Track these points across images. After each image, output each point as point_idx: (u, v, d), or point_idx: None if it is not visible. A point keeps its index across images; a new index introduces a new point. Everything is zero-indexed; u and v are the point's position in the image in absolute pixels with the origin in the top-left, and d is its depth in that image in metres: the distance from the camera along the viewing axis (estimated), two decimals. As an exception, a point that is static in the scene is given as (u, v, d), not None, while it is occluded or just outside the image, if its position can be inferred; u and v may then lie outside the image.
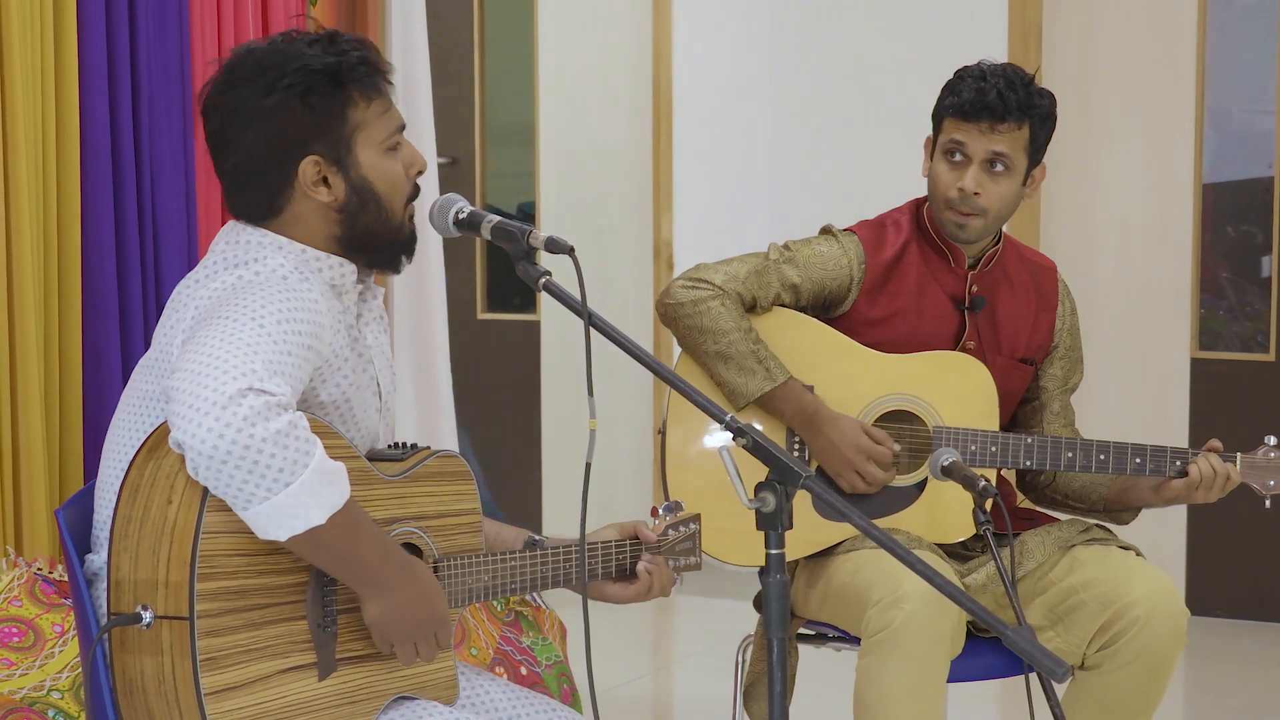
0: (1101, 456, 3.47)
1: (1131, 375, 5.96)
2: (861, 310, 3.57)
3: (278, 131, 2.57)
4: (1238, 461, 3.47)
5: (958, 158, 3.50)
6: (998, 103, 3.46)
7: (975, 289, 3.60)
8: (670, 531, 2.98)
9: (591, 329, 2.57)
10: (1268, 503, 3.49)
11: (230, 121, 2.59)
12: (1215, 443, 3.50)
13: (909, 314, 3.57)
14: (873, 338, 3.56)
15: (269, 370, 2.36)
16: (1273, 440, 3.48)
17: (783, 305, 3.56)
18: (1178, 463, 3.46)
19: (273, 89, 2.56)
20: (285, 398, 2.35)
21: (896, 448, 3.50)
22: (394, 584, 2.51)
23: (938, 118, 3.55)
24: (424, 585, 2.56)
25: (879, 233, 3.61)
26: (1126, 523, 3.66)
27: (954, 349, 3.58)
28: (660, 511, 3.00)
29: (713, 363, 3.49)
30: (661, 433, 3.58)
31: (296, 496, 2.34)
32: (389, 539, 2.54)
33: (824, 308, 3.60)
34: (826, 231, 3.64)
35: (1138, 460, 3.47)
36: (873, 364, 3.54)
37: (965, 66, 3.55)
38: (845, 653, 3.56)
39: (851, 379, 3.53)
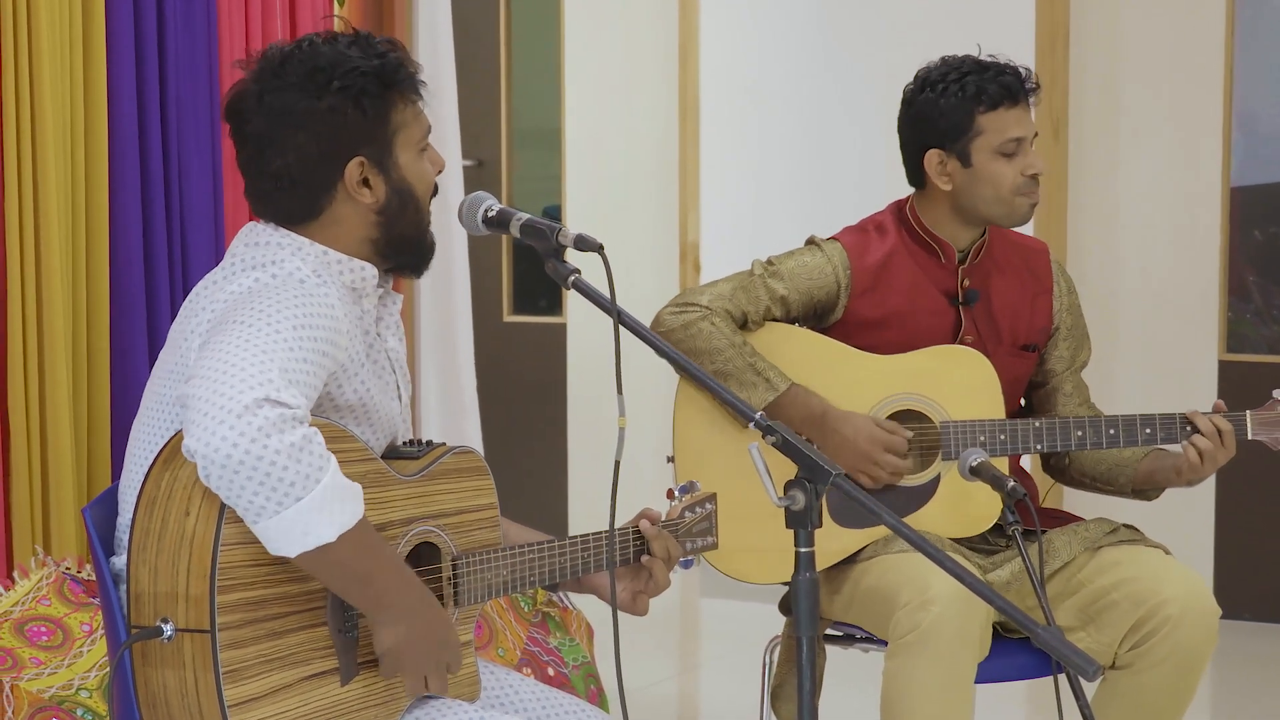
0: (1111, 431, 3.47)
1: (1159, 377, 5.94)
2: (855, 315, 3.56)
3: (329, 134, 2.57)
4: (1248, 418, 3.46)
5: (1012, 149, 3.50)
6: (1025, 77, 3.52)
7: (967, 283, 3.59)
8: (687, 514, 2.97)
9: (620, 327, 2.55)
10: None
11: (278, 123, 2.57)
12: (1218, 403, 3.51)
13: (903, 315, 3.56)
14: (870, 341, 3.55)
15: (285, 380, 2.34)
16: None
17: (774, 319, 3.56)
18: (1188, 428, 3.46)
19: (325, 91, 2.56)
20: (301, 410, 2.33)
21: (909, 434, 3.49)
22: (409, 611, 2.49)
23: (966, 122, 3.52)
24: (438, 614, 2.54)
25: (863, 237, 3.61)
26: (1153, 499, 3.66)
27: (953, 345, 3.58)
28: (676, 493, 2.99)
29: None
30: (670, 460, 3.57)
31: (308, 512, 2.32)
32: (405, 564, 2.52)
33: (816, 318, 3.59)
34: (810, 242, 3.64)
35: (1148, 431, 3.46)
36: (872, 367, 3.53)
37: (937, 72, 3.57)
38: (872, 653, 3.56)
39: (853, 384, 3.52)
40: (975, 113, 3.50)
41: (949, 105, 3.52)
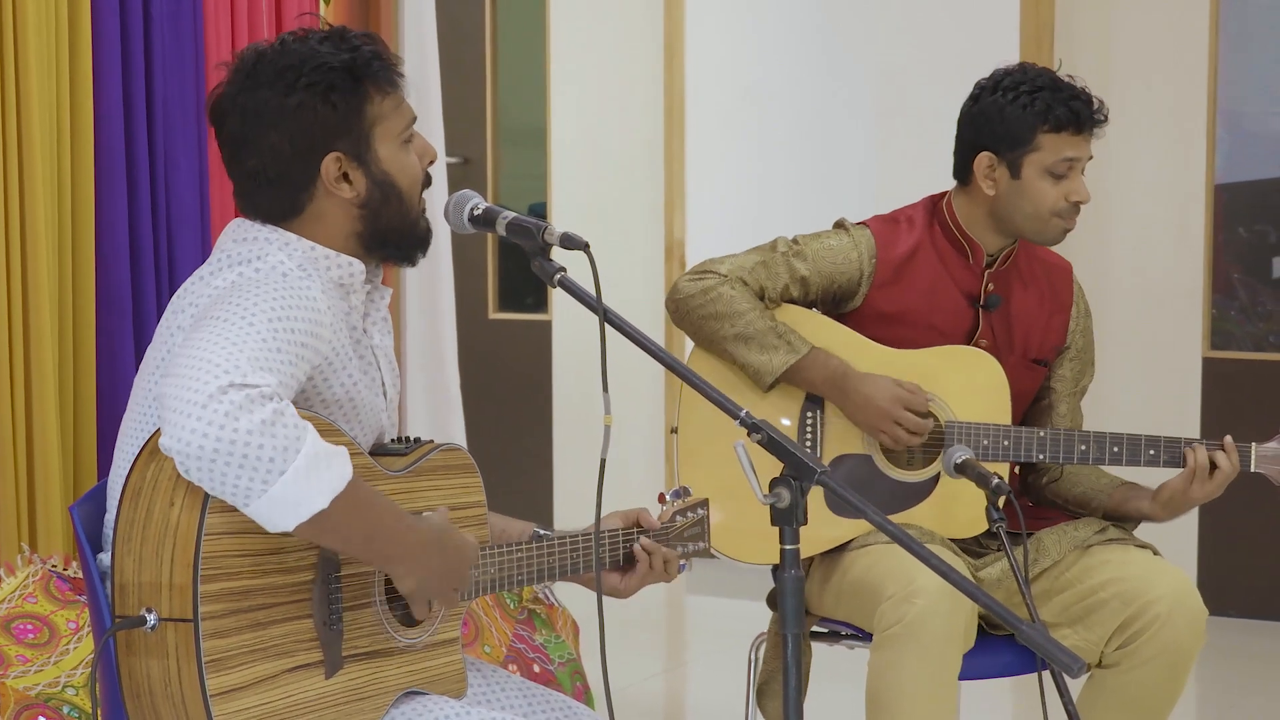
0: (1115, 449, 3.47)
1: (1145, 374, 5.96)
2: (873, 305, 3.56)
3: (301, 131, 2.58)
4: (1253, 452, 3.47)
5: (1064, 170, 3.49)
6: (1097, 108, 3.48)
7: (991, 287, 3.59)
8: (678, 518, 2.97)
9: (606, 324, 2.56)
10: None
11: (251, 122, 2.59)
12: (1227, 439, 3.50)
13: (921, 311, 3.56)
14: (884, 334, 3.55)
15: (254, 366, 2.34)
16: None
17: (791, 300, 3.55)
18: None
19: (293, 89, 2.57)
20: (270, 388, 2.32)
21: (930, 395, 3.49)
22: (421, 555, 2.49)
23: (1026, 135, 3.47)
24: (452, 546, 2.54)
25: (892, 228, 3.60)
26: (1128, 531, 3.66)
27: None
28: (668, 497, 2.99)
29: (733, 346, 3.48)
30: (674, 432, 3.58)
31: (294, 484, 2.32)
32: (402, 510, 2.51)
33: (834, 302, 3.59)
34: (839, 225, 3.63)
35: (1151, 452, 3.46)
36: (883, 359, 3.53)
37: (1011, 78, 3.50)
38: (858, 650, 3.56)
39: None
40: (1038, 129, 3.46)
41: (1014, 115, 3.48)
